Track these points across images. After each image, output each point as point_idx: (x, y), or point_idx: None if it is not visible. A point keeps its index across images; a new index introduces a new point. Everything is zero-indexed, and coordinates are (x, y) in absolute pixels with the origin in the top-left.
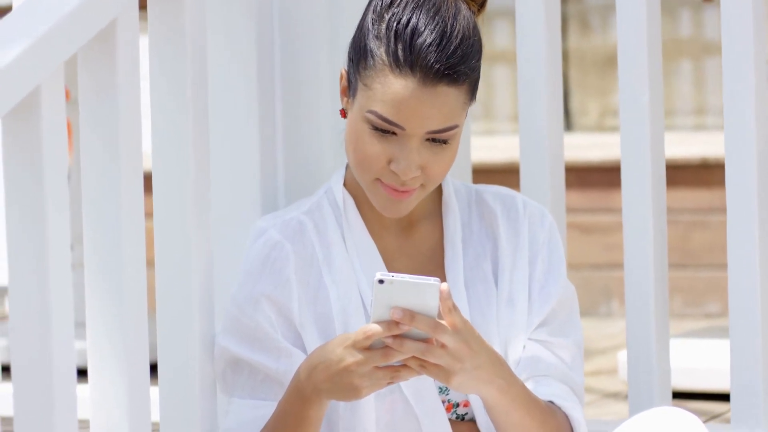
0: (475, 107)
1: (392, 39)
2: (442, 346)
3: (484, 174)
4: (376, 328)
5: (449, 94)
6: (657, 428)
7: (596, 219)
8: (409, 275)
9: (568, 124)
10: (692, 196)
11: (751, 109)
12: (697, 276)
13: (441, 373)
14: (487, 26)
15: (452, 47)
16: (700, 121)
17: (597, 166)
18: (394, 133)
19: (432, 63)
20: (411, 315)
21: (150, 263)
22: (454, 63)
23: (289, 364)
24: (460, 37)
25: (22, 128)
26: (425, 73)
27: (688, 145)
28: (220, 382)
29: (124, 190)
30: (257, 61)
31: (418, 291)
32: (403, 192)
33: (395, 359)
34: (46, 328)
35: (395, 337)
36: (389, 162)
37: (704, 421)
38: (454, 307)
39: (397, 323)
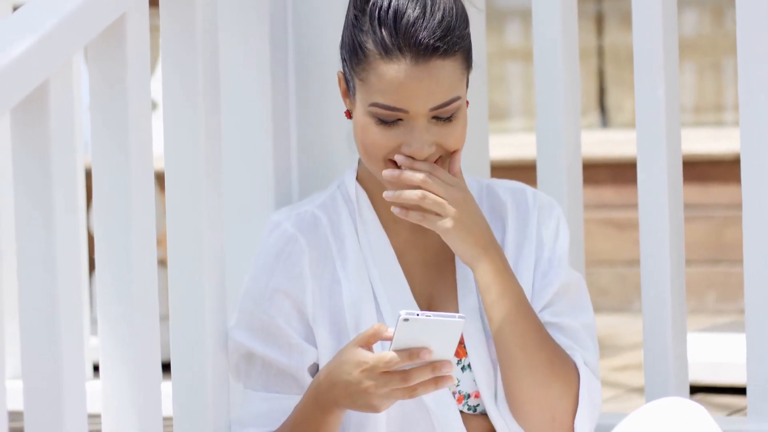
0: (516, 104)
1: (377, 27)
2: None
3: (526, 171)
4: (395, 357)
5: (444, 67)
6: (663, 418)
7: (631, 215)
8: (434, 312)
9: (605, 121)
10: (727, 192)
11: (767, 106)
12: (732, 271)
13: (435, 219)
14: (526, 25)
15: (437, 20)
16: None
17: (633, 162)
18: (399, 120)
19: (420, 39)
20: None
21: (163, 261)
22: (441, 35)
23: (300, 361)
24: (442, 8)
25: (30, 122)
26: (416, 51)
27: (725, 141)
28: (234, 373)
29: (135, 185)
30: (271, 58)
31: (442, 328)
32: None
33: (413, 382)
34: (55, 322)
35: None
36: (399, 146)
37: (726, 415)
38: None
39: (417, 353)
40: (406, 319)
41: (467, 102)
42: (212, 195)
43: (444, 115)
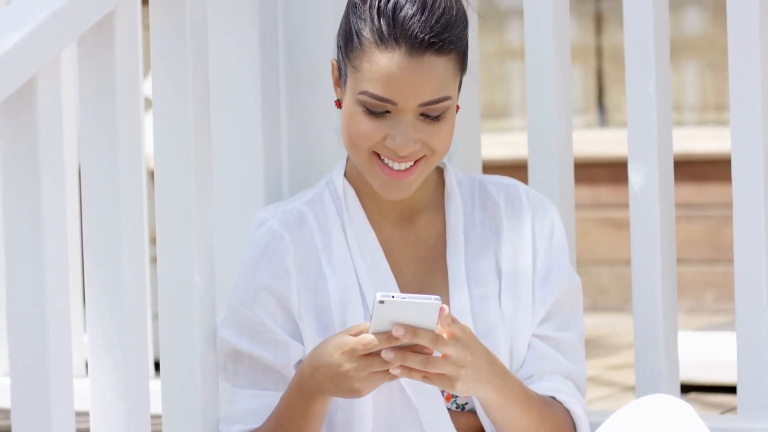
0: (516, 103)
1: (375, 17)
2: (444, 356)
3: (526, 170)
4: (373, 339)
5: (437, 63)
6: (649, 415)
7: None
8: (409, 294)
9: (603, 120)
10: (725, 191)
11: (758, 106)
12: (730, 271)
13: (445, 381)
14: None
15: (435, 17)
16: None
17: None
18: (387, 112)
19: (416, 33)
20: (413, 331)
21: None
22: (438, 31)
23: (286, 357)
24: (442, 6)
25: (18, 117)
26: (411, 44)
27: (723, 140)
28: (222, 374)
29: (125, 182)
30: (261, 52)
31: (418, 309)
32: (402, 172)
33: (393, 365)
34: (43, 320)
35: (396, 350)
36: (384, 138)
37: (720, 413)
38: (453, 320)
39: (395, 336)
40: (381, 302)
41: (458, 107)
42: (202, 193)
43: (432, 114)
